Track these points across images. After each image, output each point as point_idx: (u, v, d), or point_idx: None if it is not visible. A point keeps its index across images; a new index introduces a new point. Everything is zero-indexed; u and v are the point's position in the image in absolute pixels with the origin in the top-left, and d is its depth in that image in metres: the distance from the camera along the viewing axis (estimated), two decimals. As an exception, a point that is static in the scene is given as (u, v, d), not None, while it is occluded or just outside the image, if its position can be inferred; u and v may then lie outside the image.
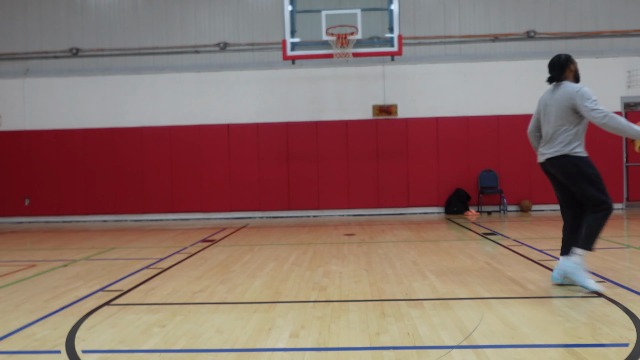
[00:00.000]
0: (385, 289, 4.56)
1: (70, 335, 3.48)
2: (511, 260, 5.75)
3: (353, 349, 3.07)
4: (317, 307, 4.02)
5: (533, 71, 11.71)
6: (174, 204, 12.03)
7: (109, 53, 12.39)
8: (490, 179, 11.64)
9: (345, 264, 5.82)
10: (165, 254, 6.90)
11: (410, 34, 11.87)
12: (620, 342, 3.08)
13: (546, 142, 4.38)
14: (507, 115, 11.73)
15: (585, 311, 3.71)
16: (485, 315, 3.67)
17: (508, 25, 11.97)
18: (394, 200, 11.83)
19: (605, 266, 5.25)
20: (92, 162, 12.13)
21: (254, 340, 3.28)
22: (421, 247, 6.98)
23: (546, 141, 4.39)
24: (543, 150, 4.43)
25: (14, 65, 12.53)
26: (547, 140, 4.37)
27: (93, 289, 4.87)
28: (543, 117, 4.45)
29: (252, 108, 12.06)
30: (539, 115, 4.54)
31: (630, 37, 11.80)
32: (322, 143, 11.87)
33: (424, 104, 11.89)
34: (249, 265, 5.95)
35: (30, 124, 12.33)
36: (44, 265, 6.24)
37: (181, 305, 4.21)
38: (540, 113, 4.52)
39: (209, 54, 12.28)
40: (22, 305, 4.32)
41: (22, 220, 12.31)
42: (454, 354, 2.96)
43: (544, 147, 4.42)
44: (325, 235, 8.49)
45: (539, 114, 4.54)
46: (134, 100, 12.23)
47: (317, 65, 11.95)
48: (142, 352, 3.14)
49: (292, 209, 11.92)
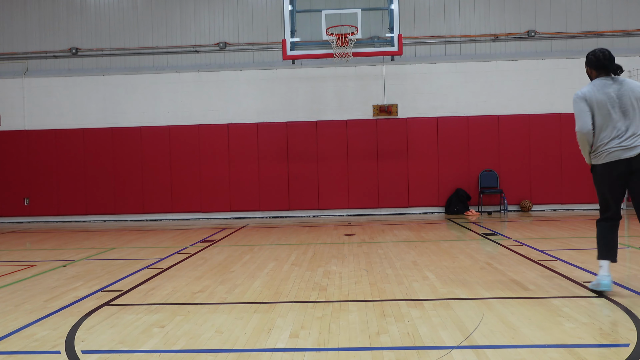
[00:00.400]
0: (385, 289, 4.56)
1: (69, 336, 3.48)
2: (511, 261, 5.74)
3: (353, 349, 3.07)
4: (317, 307, 4.01)
5: (533, 71, 11.72)
6: (173, 204, 12.02)
7: (108, 53, 12.39)
8: (491, 179, 11.63)
9: (345, 264, 5.82)
10: (165, 254, 6.90)
11: (410, 34, 11.86)
12: (620, 342, 3.08)
13: (626, 137, 3.98)
14: (507, 115, 11.73)
15: (586, 311, 3.71)
16: (485, 315, 3.66)
17: (508, 25, 11.96)
18: (394, 201, 11.82)
19: (605, 266, 5.24)
20: (91, 162, 12.12)
21: (254, 341, 3.27)
22: (421, 247, 6.98)
23: (626, 137, 3.98)
24: (626, 144, 3.97)
25: (14, 65, 12.53)
26: (629, 136, 3.98)
27: (93, 289, 4.86)
28: (612, 110, 4.02)
29: (252, 108, 12.06)
30: (593, 112, 4.08)
31: (630, 37, 11.80)
32: (322, 143, 11.86)
33: (424, 104, 11.88)
34: (248, 265, 5.95)
35: (30, 124, 12.33)
36: (44, 266, 6.24)
37: (181, 306, 4.21)
38: (600, 108, 4.05)
39: (208, 53, 12.28)
40: (22, 306, 4.31)
41: (22, 220, 12.30)
42: (454, 354, 2.95)
43: (625, 141, 3.99)
44: (325, 236, 8.49)
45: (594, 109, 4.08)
46: (133, 100, 12.23)
47: (317, 65, 11.95)
48: (142, 352, 3.14)
49: (292, 209, 11.92)
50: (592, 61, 4.24)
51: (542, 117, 11.64)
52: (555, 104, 11.65)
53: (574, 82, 11.61)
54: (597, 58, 4.20)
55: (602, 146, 4.07)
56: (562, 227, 8.59)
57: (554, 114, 11.59)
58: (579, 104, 4.14)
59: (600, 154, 4.09)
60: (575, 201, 11.53)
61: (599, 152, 4.10)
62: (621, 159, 3.99)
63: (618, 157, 4.00)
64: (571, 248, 6.53)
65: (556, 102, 11.61)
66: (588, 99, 4.11)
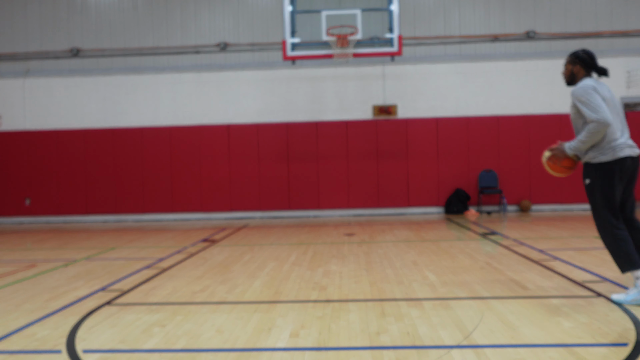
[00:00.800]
0: (385, 289, 4.57)
1: (70, 335, 3.49)
2: (511, 260, 5.75)
3: (353, 349, 3.08)
4: (317, 307, 4.02)
5: (533, 71, 11.73)
6: (174, 204, 12.03)
7: (109, 53, 12.40)
8: (490, 179, 11.64)
9: (345, 264, 5.83)
10: (166, 254, 6.91)
11: (410, 34, 11.87)
12: (619, 342, 3.09)
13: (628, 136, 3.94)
14: (507, 115, 11.74)
15: (585, 311, 3.72)
16: (485, 315, 3.67)
17: (508, 25, 11.98)
18: (394, 200, 11.83)
19: (605, 266, 5.25)
20: (92, 162, 12.13)
21: (254, 340, 3.29)
22: (421, 247, 6.99)
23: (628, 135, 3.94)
24: (630, 142, 3.92)
25: (14, 65, 12.54)
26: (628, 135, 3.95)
27: (93, 289, 4.88)
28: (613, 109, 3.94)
29: (252, 108, 12.07)
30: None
31: (630, 37, 11.81)
32: (322, 143, 11.87)
33: (424, 104, 11.89)
34: (249, 265, 5.96)
35: (31, 124, 12.34)
36: (44, 265, 6.25)
37: (181, 305, 4.22)
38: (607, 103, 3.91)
39: (209, 54, 12.29)
40: (23, 305, 4.32)
41: (23, 220, 12.31)
42: (453, 353, 2.97)
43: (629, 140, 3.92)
44: (325, 235, 8.50)
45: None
46: (134, 101, 12.24)
47: (317, 65, 11.96)
48: (143, 351, 3.15)
49: (292, 208, 11.93)
50: (584, 59, 4.10)
51: (542, 117, 11.65)
52: (554, 104, 11.65)
53: (573, 82, 11.61)
54: (590, 57, 4.11)
55: (613, 141, 3.84)
56: (562, 227, 8.60)
57: (554, 115, 11.60)
58: (593, 95, 3.83)
59: (610, 150, 3.84)
60: (574, 201, 11.54)
61: (609, 148, 3.84)
62: (630, 156, 3.85)
63: (628, 154, 3.84)
64: (571, 248, 6.54)
65: (555, 102, 11.61)
66: (600, 92, 3.89)
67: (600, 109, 3.78)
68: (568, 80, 4.21)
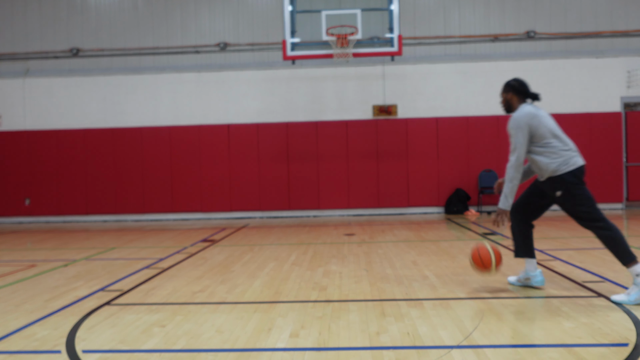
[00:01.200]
0: (385, 289, 4.56)
1: (70, 335, 3.48)
2: (511, 260, 5.75)
3: (353, 349, 3.08)
4: (317, 307, 4.02)
5: (533, 71, 11.72)
6: (174, 204, 12.03)
7: (109, 53, 12.40)
8: (490, 179, 11.64)
9: (345, 264, 5.83)
10: (166, 254, 6.91)
11: (410, 34, 11.87)
12: (619, 342, 3.08)
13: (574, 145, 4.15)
14: (507, 115, 11.70)
15: (585, 311, 3.71)
16: (485, 315, 3.67)
17: (508, 25, 11.97)
18: (394, 200, 11.83)
19: (605, 266, 5.25)
20: (92, 162, 12.13)
21: (254, 340, 3.28)
22: (421, 247, 6.98)
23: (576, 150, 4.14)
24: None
25: (14, 65, 12.54)
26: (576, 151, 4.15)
27: (93, 289, 4.87)
28: (553, 122, 4.24)
29: (252, 108, 12.07)
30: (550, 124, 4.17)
31: (630, 37, 11.80)
32: (322, 143, 11.87)
33: (424, 104, 11.89)
34: (249, 265, 5.96)
35: (31, 124, 12.34)
36: (44, 265, 6.25)
37: (181, 305, 4.22)
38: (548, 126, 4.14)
39: (209, 54, 12.29)
40: (22, 305, 4.32)
41: (23, 220, 12.31)
42: (454, 353, 2.96)
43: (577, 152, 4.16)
44: (325, 235, 8.50)
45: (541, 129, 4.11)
46: (134, 101, 12.24)
47: (317, 65, 11.96)
48: (142, 352, 3.15)
49: (292, 208, 11.93)
50: (515, 87, 4.27)
51: (542, 117, 11.63)
52: (554, 104, 11.64)
53: (573, 82, 11.63)
54: (521, 84, 4.29)
55: (570, 151, 4.06)
56: (562, 227, 8.60)
57: (553, 115, 11.56)
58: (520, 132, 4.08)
59: (570, 159, 4.02)
60: (575, 201, 11.52)
61: (569, 157, 4.02)
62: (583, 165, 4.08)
63: (583, 162, 4.08)
64: (571, 248, 6.54)
65: (555, 102, 11.61)
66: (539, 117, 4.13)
67: (517, 150, 4.08)
68: (505, 108, 4.41)
